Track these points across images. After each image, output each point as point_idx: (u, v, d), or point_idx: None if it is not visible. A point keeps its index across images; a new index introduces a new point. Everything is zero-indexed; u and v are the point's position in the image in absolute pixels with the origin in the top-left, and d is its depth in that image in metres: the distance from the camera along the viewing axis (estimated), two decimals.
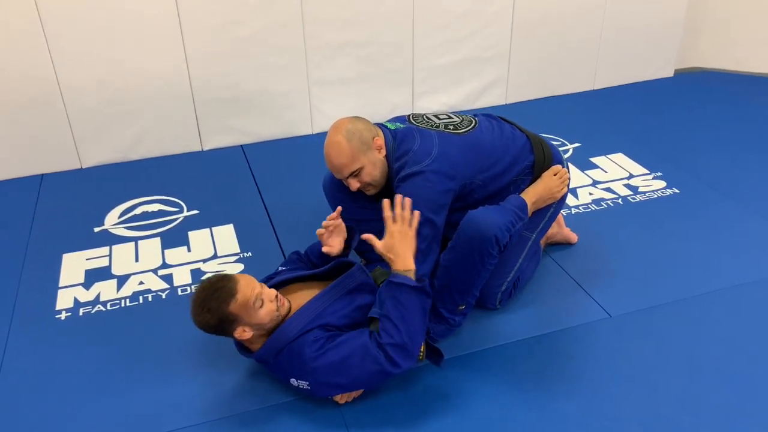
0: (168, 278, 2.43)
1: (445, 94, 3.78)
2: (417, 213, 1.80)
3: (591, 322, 2.13)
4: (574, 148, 3.35)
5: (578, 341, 2.05)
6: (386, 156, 2.02)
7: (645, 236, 2.58)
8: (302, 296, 1.87)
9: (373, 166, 1.99)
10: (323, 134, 3.54)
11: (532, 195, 2.11)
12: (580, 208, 2.80)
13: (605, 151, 3.30)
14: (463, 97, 3.82)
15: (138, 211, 2.90)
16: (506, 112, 3.83)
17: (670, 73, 4.29)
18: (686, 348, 2.01)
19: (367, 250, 2.17)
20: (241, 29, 3.22)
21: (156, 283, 2.40)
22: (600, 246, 2.51)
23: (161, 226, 2.77)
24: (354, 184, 2.00)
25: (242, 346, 1.85)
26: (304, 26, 3.31)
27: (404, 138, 2.02)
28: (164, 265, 2.51)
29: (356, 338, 1.73)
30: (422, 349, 1.90)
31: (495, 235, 1.86)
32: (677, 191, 2.91)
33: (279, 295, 1.79)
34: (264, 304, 1.72)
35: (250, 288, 1.71)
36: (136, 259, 2.55)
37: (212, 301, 1.67)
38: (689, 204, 2.81)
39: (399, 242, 1.77)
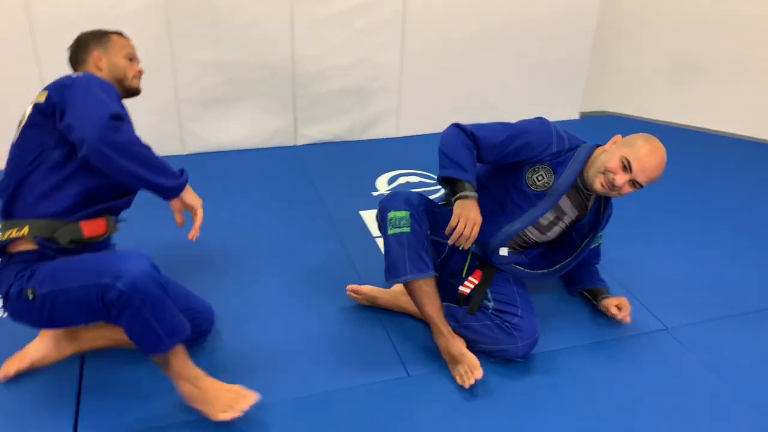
0: None
1: (331, 123, 3.60)
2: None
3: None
4: None
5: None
6: None
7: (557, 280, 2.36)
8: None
9: None
10: (196, 155, 3.26)
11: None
12: None
13: None
14: (349, 127, 3.65)
15: None
16: (398, 145, 3.59)
17: (575, 116, 4.18)
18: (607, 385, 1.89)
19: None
20: None
21: None
22: None
23: None
24: (629, 190, 1.98)
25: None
26: (171, 42, 3.07)
27: None
28: None
29: None
30: None
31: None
32: None
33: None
34: (132, 62, 1.87)
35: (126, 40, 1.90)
36: None
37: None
38: None
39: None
